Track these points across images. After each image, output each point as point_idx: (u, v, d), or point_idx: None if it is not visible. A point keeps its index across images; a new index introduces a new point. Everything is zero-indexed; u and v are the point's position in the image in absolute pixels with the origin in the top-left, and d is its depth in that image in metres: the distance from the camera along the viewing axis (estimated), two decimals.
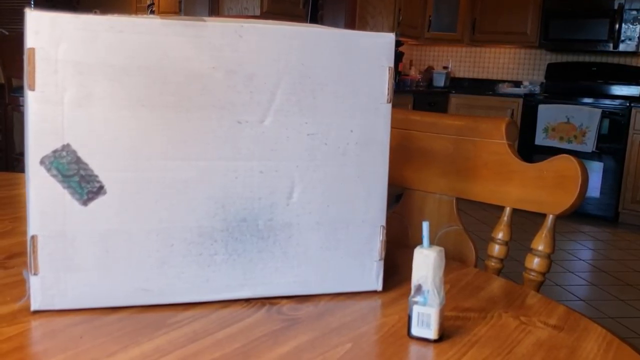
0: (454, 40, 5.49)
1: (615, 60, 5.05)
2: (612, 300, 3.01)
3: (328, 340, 0.62)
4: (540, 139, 4.76)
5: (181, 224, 0.67)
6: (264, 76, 0.68)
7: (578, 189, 0.92)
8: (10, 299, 0.67)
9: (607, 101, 4.55)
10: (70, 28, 0.61)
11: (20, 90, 3.75)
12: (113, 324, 0.63)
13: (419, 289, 0.63)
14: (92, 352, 0.57)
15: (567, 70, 5.21)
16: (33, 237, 0.63)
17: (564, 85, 5.18)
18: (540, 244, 0.96)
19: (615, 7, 4.69)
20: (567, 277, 3.30)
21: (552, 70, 5.29)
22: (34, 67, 0.61)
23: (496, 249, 1.03)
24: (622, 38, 4.72)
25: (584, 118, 4.54)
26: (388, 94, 0.73)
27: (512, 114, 4.95)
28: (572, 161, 0.93)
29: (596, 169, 4.55)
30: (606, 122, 4.50)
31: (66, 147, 0.62)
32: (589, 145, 4.52)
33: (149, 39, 0.63)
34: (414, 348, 0.62)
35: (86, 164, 0.63)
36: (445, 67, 5.78)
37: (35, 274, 0.64)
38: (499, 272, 1.03)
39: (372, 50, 0.72)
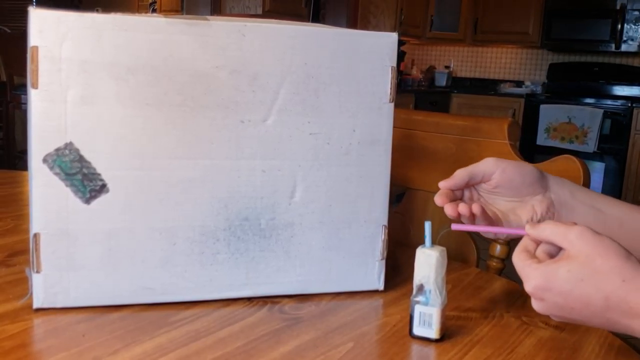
0: (455, 39, 5.48)
1: (617, 60, 5.05)
2: None
3: (330, 340, 0.62)
4: (541, 139, 4.76)
5: (184, 222, 0.67)
6: (267, 75, 0.68)
7: None
8: (12, 296, 0.67)
9: (609, 101, 4.55)
10: (75, 26, 0.61)
11: (22, 88, 3.76)
12: (115, 322, 0.63)
13: (420, 288, 0.63)
14: (94, 349, 0.57)
15: (569, 70, 5.21)
16: (36, 235, 0.63)
17: (566, 85, 5.17)
18: None
19: (618, 7, 4.68)
20: None
21: (553, 70, 5.28)
22: (37, 66, 0.61)
23: (498, 249, 1.03)
24: (624, 38, 4.71)
25: (585, 118, 4.54)
26: (391, 94, 0.73)
27: (514, 114, 4.95)
28: (574, 161, 0.93)
29: (598, 170, 4.54)
30: (608, 122, 4.49)
31: (69, 146, 0.62)
32: (591, 146, 4.52)
33: (154, 38, 0.63)
34: (416, 348, 0.62)
35: (89, 162, 0.63)
36: (447, 67, 5.78)
37: (37, 272, 0.64)
38: (500, 272, 1.03)
39: (375, 50, 0.72)
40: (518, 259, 0.55)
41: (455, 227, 0.63)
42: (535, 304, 0.55)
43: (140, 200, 0.65)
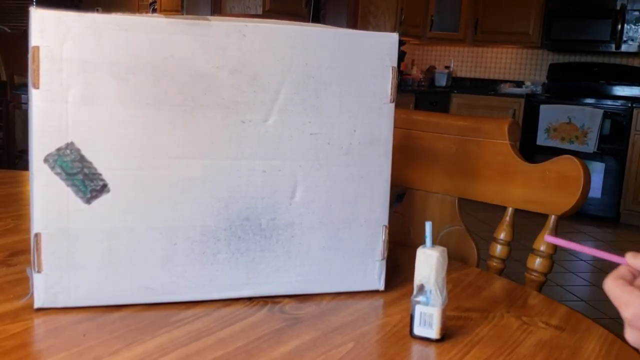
0: (456, 39, 5.48)
1: (617, 60, 5.05)
2: None
3: (330, 340, 0.62)
4: (542, 139, 4.76)
5: (185, 222, 0.67)
6: (267, 75, 0.68)
7: (580, 190, 0.92)
8: (13, 296, 0.68)
9: (609, 102, 4.55)
10: (76, 26, 0.61)
11: (22, 87, 3.76)
12: (116, 322, 0.63)
13: (421, 288, 0.63)
14: (95, 349, 0.57)
15: (569, 70, 5.21)
16: (37, 235, 0.63)
17: (566, 85, 5.17)
18: (542, 244, 0.96)
19: (618, 7, 4.68)
20: (568, 278, 3.30)
21: (554, 71, 5.28)
22: (38, 66, 0.61)
23: (498, 249, 1.03)
24: (624, 39, 4.71)
25: (585, 118, 4.54)
26: (391, 94, 0.73)
27: (514, 114, 4.95)
28: (575, 162, 0.93)
29: (597, 170, 4.54)
30: (608, 122, 4.49)
31: (70, 145, 0.63)
32: (591, 146, 4.52)
33: (154, 38, 0.63)
34: (416, 348, 0.62)
35: (90, 162, 0.63)
36: (447, 67, 5.77)
37: (38, 271, 0.64)
38: (500, 272, 1.03)
39: (376, 50, 0.72)
40: (614, 285, 0.52)
41: (548, 239, 0.60)
42: (631, 335, 0.51)
43: (140, 200, 0.65)
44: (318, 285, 0.74)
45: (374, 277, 0.76)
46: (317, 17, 4.43)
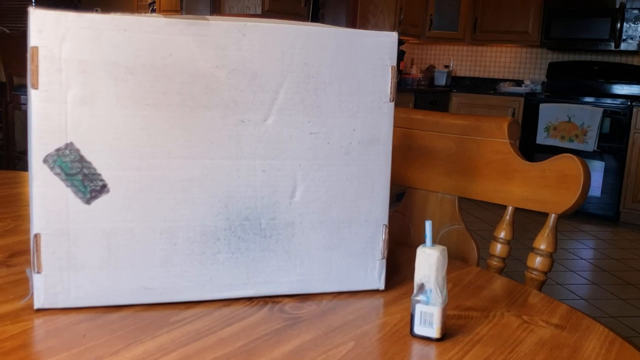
0: (455, 39, 5.48)
1: (616, 59, 5.05)
2: (613, 299, 3.01)
3: (330, 339, 0.62)
4: (541, 138, 4.76)
5: (184, 222, 0.67)
6: (267, 75, 0.68)
7: (580, 188, 0.92)
8: (13, 297, 0.67)
9: (609, 100, 4.55)
10: (74, 26, 0.61)
11: (21, 88, 3.76)
12: (116, 322, 0.63)
13: (421, 287, 0.63)
14: (95, 350, 0.57)
15: (568, 69, 5.21)
16: (36, 236, 0.63)
17: (566, 84, 5.17)
18: (542, 243, 0.96)
19: (617, 6, 4.68)
20: (568, 276, 3.30)
21: (553, 69, 5.28)
22: (37, 66, 0.61)
23: (498, 248, 1.03)
24: (624, 37, 4.71)
25: (585, 117, 4.54)
26: (391, 93, 0.73)
27: (514, 113, 4.95)
28: (575, 160, 0.93)
29: (597, 168, 4.55)
30: (607, 121, 4.49)
31: (69, 146, 0.62)
32: (590, 145, 4.52)
33: (153, 38, 0.63)
34: (417, 347, 0.62)
35: (89, 163, 0.63)
36: (446, 66, 5.77)
37: (38, 272, 0.64)
38: (500, 271, 1.03)
39: (375, 49, 0.72)
40: None
41: None
42: None
43: (140, 200, 0.65)
44: (318, 285, 0.74)
45: (374, 276, 0.76)
46: (316, 16, 4.43)
